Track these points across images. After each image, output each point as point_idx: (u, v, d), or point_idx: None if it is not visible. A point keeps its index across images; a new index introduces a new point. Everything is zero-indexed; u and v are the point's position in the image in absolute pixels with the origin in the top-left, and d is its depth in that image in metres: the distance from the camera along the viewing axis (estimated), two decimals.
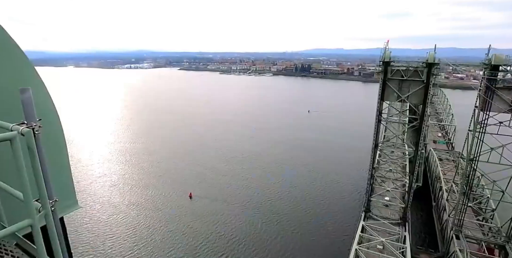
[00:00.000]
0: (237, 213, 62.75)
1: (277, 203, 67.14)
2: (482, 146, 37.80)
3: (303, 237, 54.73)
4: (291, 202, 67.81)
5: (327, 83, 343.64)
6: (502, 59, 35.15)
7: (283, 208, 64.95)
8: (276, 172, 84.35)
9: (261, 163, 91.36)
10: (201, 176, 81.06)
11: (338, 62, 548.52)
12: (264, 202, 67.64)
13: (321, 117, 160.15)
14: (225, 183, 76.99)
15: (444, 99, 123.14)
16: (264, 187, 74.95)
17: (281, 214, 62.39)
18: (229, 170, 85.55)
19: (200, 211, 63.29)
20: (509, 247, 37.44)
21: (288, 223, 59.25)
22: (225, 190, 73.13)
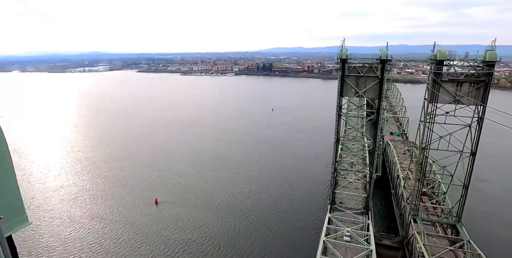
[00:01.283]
0: (210, 216, 61.66)
1: (249, 203, 67.17)
2: (432, 135, 40.87)
3: (278, 235, 55.39)
4: (263, 201, 68.20)
5: (289, 81, 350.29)
6: (446, 54, 38.26)
7: (256, 208, 65.14)
8: (245, 172, 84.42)
9: (229, 164, 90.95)
10: (168, 181, 78.80)
11: (298, 60, 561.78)
12: (237, 203, 67.33)
13: (285, 115, 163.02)
14: (194, 187, 75.48)
15: (397, 93, 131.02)
16: (235, 188, 74.64)
17: (255, 214, 62.50)
18: (198, 173, 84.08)
19: (169, 218, 61.35)
20: (459, 225, 40.92)
21: (262, 222, 59.56)
22: (194, 194, 71.67)
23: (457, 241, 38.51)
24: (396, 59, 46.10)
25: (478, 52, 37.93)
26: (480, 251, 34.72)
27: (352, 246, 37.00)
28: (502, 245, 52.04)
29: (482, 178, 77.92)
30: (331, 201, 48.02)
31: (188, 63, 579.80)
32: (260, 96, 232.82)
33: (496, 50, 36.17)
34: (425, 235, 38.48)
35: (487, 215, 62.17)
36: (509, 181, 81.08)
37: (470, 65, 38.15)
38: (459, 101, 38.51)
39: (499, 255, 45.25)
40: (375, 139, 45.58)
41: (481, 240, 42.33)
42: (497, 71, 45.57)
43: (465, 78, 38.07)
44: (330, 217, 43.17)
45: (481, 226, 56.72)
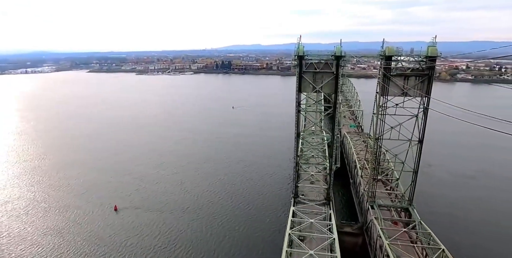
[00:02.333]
0: (177, 220, 59.76)
1: (217, 204, 66.41)
2: (384, 126, 43.59)
3: (248, 233, 55.45)
4: (231, 200, 67.88)
5: (249, 79, 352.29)
6: (394, 50, 40.86)
7: (224, 208, 64.61)
8: (210, 172, 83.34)
9: (194, 164, 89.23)
10: (129, 186, 75.10)
11: (257, 57, 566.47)
12: (204, 204, 66.18)
13: (246, 112, 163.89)
14: (158, 190, 72.90)
15: (352, 87, 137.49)
16: (200, 189, 73.37)
17: (223, 214, 61.96)
18: (161, 176, 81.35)
19: (134, 225, 58.26)
20: (411, 208, 44.29)
21: (231, 221, 59.23)
22: (159, 198, 69.18)
23: (410, 223, 41.60)
24: (350, 55, 48.15)
25: (422, 48, 41.04)
26: (430, 230, 37.81)
27: (316, 236, 38.38)
28: (449, 223, 57.31)
29: (430, 163, 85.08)
30: (294, 194, 49.32)
31: (143, 62, 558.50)
32: (220, 94, 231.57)
33: (436, 46, 39.37)
34: (382, 219, 41.05)
35: (436, 197, 67.91)
36: (453, 165, 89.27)
37: (415, 60, 41.06)
38: (407, 93, 41.39)
39: (447, 232, 49.42)
40: (333, 132, 47.52)
41: (431, 220, 46.12)
42: (439, 65, 49.70)
43: (411, 72, 40.92)
44: (294, 210, 44.33)
45: (431, 207, 61.76)
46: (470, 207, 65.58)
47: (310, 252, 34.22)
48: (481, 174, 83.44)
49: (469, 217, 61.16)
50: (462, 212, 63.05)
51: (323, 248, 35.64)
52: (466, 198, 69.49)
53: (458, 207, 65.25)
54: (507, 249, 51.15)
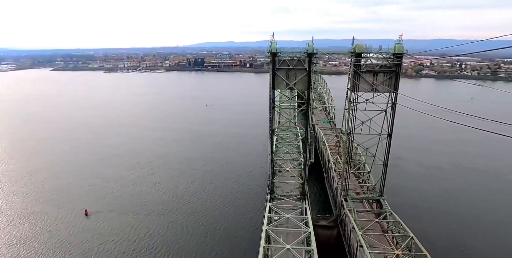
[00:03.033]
0: (154, 223, 57.99)
1: (195, 204, 65.34)
2: (355, 121, 44.96)
3: (228, 231, 55.18)
4: (209, 199, 67.08)
5: (222, 76, 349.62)
6: (363, 48, 42.16)
7: (203, 207, 63.71)
8: (187, 172, 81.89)
9: (169, 164, 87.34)
10: (102, 189, 71.93)
11: (230, 55, 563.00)
12: (182, 205, 64.92)
13: (220, 110, 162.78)
14: (133, 192, 70.47)
15: (324, 84, 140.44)
16: (178, 189, 71.92)
17: (202, 214, 61.07)
18: (136, 177, 78.71)
19: (108, 230, 55.74)
20: (382, 199, 46.16)
21: (210, 221, 58.54)
22: (134, 200, 66.95)
23: (381, 213, 43.36)
24: (321, 52, 49.01)
25: (389, 45, 42.63)
26: (399, 220, 39.63)
27: (293, 231, 39.01)
28: (417, 212, 60.24)
29: (400, 156, 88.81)
30: (270, 190, 49.77)
31: (112, 59, 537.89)
32: (193, 92, 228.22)
33: (403, 44, 41.06)
34: (355, 211, 42.44)
35: (405, 188, 71.09)
36: (421, 157, 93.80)
37: (383, 57, 42.64)
38: (376, 89, 42.97)
39: (415, 221, 51.79)
40: (307, 128, 48.36)
41: (401, 210, 48.26)
42: (405, 62, 51.76)
43: (380, 68, 42.51)
44: (271, 206, 44.78)
45: (401, 198, 64.56)
46: (437, 197, 69.25)
47: (287, 247, 34.76)
48: (447, 165, 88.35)
49: (436, 207, 64.58)
50: (430, 202, 66.43)
51: (299, 242, 36.33)
52: (434, 189, 73.30)
53: (426, 197, 68.71)
54: (471, 235, 54.77)
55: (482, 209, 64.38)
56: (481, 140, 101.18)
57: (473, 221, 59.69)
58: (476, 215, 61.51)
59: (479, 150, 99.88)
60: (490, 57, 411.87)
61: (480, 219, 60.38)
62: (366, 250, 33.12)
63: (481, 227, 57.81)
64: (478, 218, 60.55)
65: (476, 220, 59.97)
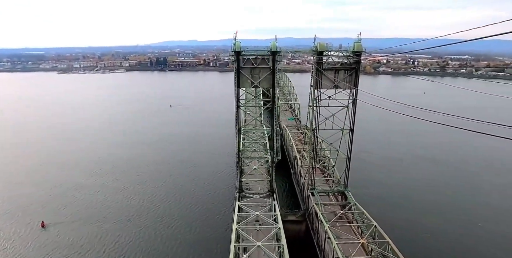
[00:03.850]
0: (122, 230, 55.20)
1: (165, 207, 63.45)
2: (319, 117, 46.32)
3: (201, 233, 54.28)
4: (180, 202, 65.49)
5: (186, 75, 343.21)
6: (324, 46, 43.43)
7: (174, 211, 62.03)
8: (154, 175, 79.14)
9: (136, 168, 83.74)
10: (62, 199, 67.19)
11: (193, 53, 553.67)
12: (151, 210, 62.63)
13: (185, 110, 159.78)
14: (97, 200, 66.62)
15: (288, 82, 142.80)
16: (146, 194, 69.19)
17: (173, 218, 59.41)
18: (99, 184, 74.36)
19: (70, 242, 51.85)
20: (347, 192, 48.08)
21: (183, 225, 57.16)
22: (98, 208, 63.35)
23: (346, 205, 45.18)
24: (285, 50, 49.77)
25: (349, 44, 44.36)
26: (363, 210, 41.56)
27: (262, 228, 39.37)
28: (379, 201, 63.59)
29: (362, 149, 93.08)
30: (239, 189, 49.81)
31: (66, 59, 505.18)
32: (156, 92, 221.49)
33: (361, 42, 42.91)
34: (322, 205, 43.81)
35: (368, 180, 74.63)
36: (382, 150, 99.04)
37: (344, 55, 44.29)
38: (338, 86, 44.62)
39: (378, 210, 54.41)
40: (273, 125, 48.87)
41: (365, 200, 50.68)
42: (364, 60, 54.14)
43: (340, 66, 44.19)
44: (240, 205, 44.81)
45: (365, 189, 67.71)
46: (397, 186, 73.67)
47: (258, 244, 34.99)
48: (406, 156, 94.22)
49: (396, 195, 68.77)
50: (391, 191, 70.56)
51: (269, 239, 36.74)
52: (394, 178, 77.92)
53: (388, 187, 72.88)
54: (429, 220, 58.94)
55: (438, 195, 69.74)
56: (433, 131, 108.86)
57: (431, 206, 64.40)
58: (433, 201, 66.51)
59: (432, 141, 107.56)
60: (439, 55, 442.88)
61: (437, 204, 65.42)
62: (333, 241, 34.32)
63: (438, 211, 62.51)
64: (435, 203, 65.53)
65: (433, 205, 64.80)
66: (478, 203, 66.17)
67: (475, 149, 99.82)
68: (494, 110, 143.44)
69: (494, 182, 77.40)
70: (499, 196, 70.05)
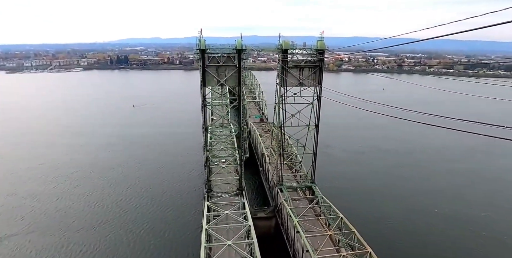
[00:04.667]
0: (88, 239, 52.04)
1: (134, 212, 60.80)
2: (285, 114, 47.06)
3: (173, 236, 52.85)
4: (149, 205, 63.17)
5: (149, 74, 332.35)
6: (289, 44, 44.10)
7: (143, 215, 59.60)
8: (120, 179, 75.50)
9: (98, 173, 79.19)
10: (17, 209, 62.00)
11: (157, 51, 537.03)
12: (119, 215, 59.73)
13: (149, 110, 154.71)
14: (58, 208, 62.21)
15: (254, 80, 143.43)
16: (112, 199, 65.94)
17: (144, 221, 57.17)
18: (59, 191, 69.38)
19: (30, 255, 48.24)
20: (314, 186, 49.43)
21: (154, 228, 55.20)
22: (60, 217, 59.11)
23: (314, 199, 46.44)
24: (250, 48, 49.91)
25: (312, 42, 45.41)
26: (330, 203, 42.98)
27: (233, 226, 39.36)
28: (345, 193, 66.14)
29: (328, 144, 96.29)
30: (208, 189, 49.34)
31: (15, 57, 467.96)
32: (118, 92, 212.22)
33: (324, 41, 44.10)
34: (290, 200, 44.69)
35: (334, 173, 77.27)
36: (347, 144, 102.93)
37: (308, 53, 45.29)
38: (303, 83, 45.60)
39: (344, 202, 56.47)
40: (240, 124, 48.92)
41: (332, 194, 52.30)
42: (327, 57, 55.70)
43: (305, 64, 45.16)
44: (209, 205, 44.42)
45: (331, 182, 70.05)
46: (361, 178, 77.11)
47: (228, 243, 34.96)
48: (368, 149, 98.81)
49: (360, 186, 71.90)
50: (355, 183, 73.60)
51: (240, 237, 36.84)
52: (358, 171, 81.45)
53: (352, 179, 76.00)
54: (392, 207, 62.72)
55: (397, 183, 74.45)
56: (392, 124, 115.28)
57: (391, 194, 68.51)
58: (393, 189, 70.84)
59: (390, 133, 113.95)
60: (396, 53, 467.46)
61: (396, 192, 69.92)
62: (302, 235, 35.18)
63: (398, 199, 66.56)
64: (395, 192, 69.98)
65: (393, 193, 69.09)
66: (433, 189, 71.64)
67: (428, 139, 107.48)
68: (444, 104, 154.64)
69: (445, 168, 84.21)
70: (450, 181, 76.48)
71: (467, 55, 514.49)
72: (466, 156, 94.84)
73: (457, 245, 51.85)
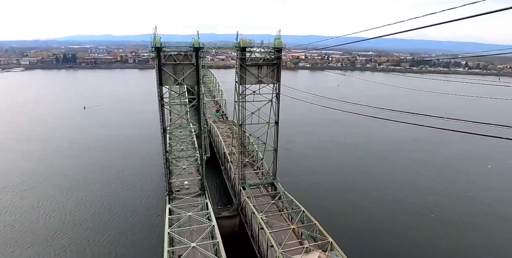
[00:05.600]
0: (42, 254, 47.64)
1: (94, 221, 56.75)
2: (245, 112, 47.16)
3: (138, 243, 50.34)
4: (110, 213, 59.44)
5: (101, 74, 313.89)
6: (247, 42, 44.05)
7: (104, 223, 55.96)
8: (75, 187, 69.94)
9: (48, 182, 72.47)
10: None
11: (108, 49, 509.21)
12: (77, 225, 55.28)
13: (103, 112, 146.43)
14: (5, 223, 55.93)
15: (213, 78, 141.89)
16: (68, 209, 60.85)
17: (105, 231, 53.68)
18: (7, 205, 62.30)
19: None
20: (276, 182, 50.25)
21: (116, 236, 52.06)
22: (7, 233, 53.28)
23: (276, 195, 47.23)
24: (208, 46, 49.17)
25: (270, 40, 45.89)
26: (292, 197, 43.99)
27: (196, 227, 38.67)
28: (307, 188, 68.21)
29: (290, 140, 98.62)
30: (168, 191, 47.90)
31: None
32: (66, 93, 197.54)
33: (281, 39, 44.76)
34: (253, 197, 44.99)
35: (295, 168, 79.32)
36: (307, 140, 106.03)
37: (265, 51, 45.69)
38: (261, 81, 45.96)
39: (306, 196, 58.33)
40: (200, 123, 47.99)
41: (293, 188, 53.58)
42: (284, 55, 56.71)
43: (263, 62, 45.53)
44: (170, 208, 43.17)
45: (292, 177, 71.85)
46: (321, 171, 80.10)
47: (192, 245, 34.30)
48: (328, 144, 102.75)
49: (321, 180, 74.69)
50: (316, 177, 76.27)
51: (204, 238, 36.31)
52: (319, 165, 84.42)
53: (313, 173, 78.68)
54: (350, 198, 65.95)
55: (357, 175, 78.71)
56: (348, 120, 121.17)
57: (351, 186, 72.21)
58: (353, 181, 74.86)
59: (348, 128, 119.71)
60: (349, 51, 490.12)
61: (356, 183, 73.81)
62: (266, 231, 35.60)
63: (356, 189, 70.13)
64: (355, 183, 73.87)
65: (352, 185, 72.94)
66: (387, 178, 77.06)
67: (382, 132, 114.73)
68: (394, 99, 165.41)
69: (398, 158, 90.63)
70: (402, 170, 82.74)
71: (412, 53, 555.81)
72: (416, 147, 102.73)
73: (410, 227, 56.63)
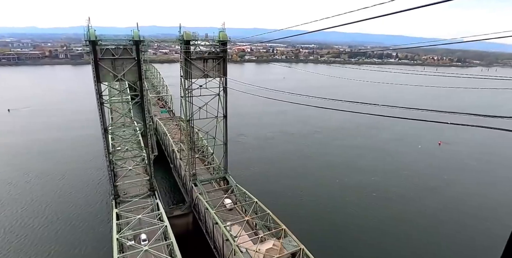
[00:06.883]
0: None
1: (35, 235, 50.96)
2: (193, 107, 45.97)
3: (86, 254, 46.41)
4: (54, 224, 53.80)
5: (27, 71, 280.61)
6: (191, 35, 42.62)
7: (47, 236, 50.56)
8: (11, 199, 61.90)
9: None
10: None
11: (34, 43, 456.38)
12: (15, 241, 49.16)
13: (32, 114, 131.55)
14: None
15: (157, 73, 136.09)
16: (4, 223, 53.89)
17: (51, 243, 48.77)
18: None
19: None
20: (227, 176, 50.22)
21: (63, 249, 47.43)
22: None
23: (229, 189, 47.27)
24: (149, 40, 46.75)
25: (214, 33, 44.93)
26: (244, 190, 44.44)
27: (148, 230, 37.11)
28: (261, 179, 69.39)
29: (241, 133, 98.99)
30: (114, 195, 45.03)
31: None
32: None
33: (226, 32, 44.09)
34: (206, 193, 44.44)
35: (249, 160, 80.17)
36: (258, 131, 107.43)
37: (210, 44, 44.70)
38: (208, 75, 45.02)
39: (259, 187, 59.41)
40: (145, 121, 45.69)
41: (245, 180, 54.18)
42: (230, 48, 56.14)
43: (208, 55, 44.59)
44: (118, 212, 40.70)
45: (247, 170, 72.41)
46: (272, 161, 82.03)
47: (145, 248, 32.95)
48: (276, 134, 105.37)
49: (272, 170, 76.56)
50: (267, 167, 77.94)
51: (157, 239, 35.11)
52: (269, 155, 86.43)
53: (264, 163, 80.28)
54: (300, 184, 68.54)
55: (304, 161, 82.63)
56: (294, 111, 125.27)
57: (299, 172, 75.64)
58: (301, 167, 78.29)
59: (295, 118, 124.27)
60: (292, 44, 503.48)
61: (303, 169, 77.51)
62: (221, 225, 35.51)
63: (305, 176, 73.36)
64: (302, 169, 77.55)
65: (301, 170, 76.48)
66: (332, 162, 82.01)
67: (326, 121, 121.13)
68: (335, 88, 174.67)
69: (341, 144, 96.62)
70: (346, 154, 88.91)
71: (350, 46, 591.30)
72: (356, 133, 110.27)
73: (355, 205, 61.48)
